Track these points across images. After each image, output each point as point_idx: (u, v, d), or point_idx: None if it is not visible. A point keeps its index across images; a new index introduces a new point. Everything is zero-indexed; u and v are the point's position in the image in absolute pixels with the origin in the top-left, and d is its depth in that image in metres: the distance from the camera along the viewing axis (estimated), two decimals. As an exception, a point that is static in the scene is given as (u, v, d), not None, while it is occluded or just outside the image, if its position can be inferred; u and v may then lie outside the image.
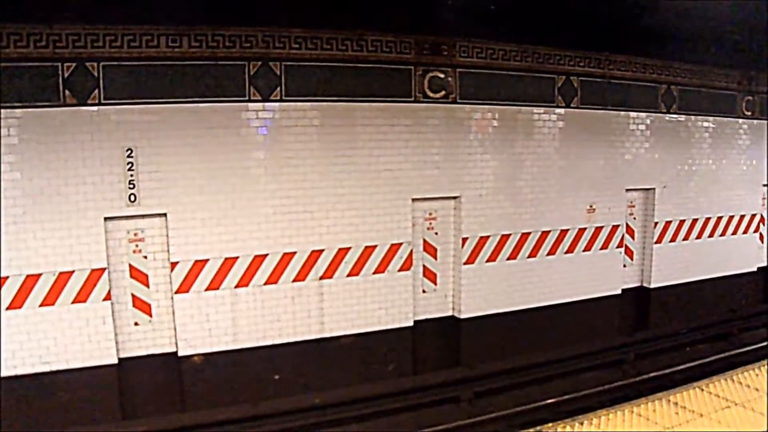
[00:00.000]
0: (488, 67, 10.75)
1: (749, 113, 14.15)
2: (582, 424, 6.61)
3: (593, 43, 11.49)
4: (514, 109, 11.10)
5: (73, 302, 8.55)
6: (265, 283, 9.57)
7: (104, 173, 8.53)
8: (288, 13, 9.05)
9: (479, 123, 10.82)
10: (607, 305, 12.57)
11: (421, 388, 9.80)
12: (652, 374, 10.80)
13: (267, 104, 9.31)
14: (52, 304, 8.46)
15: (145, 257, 9.11)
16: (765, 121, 14.38)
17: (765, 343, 12.10)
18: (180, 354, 9.28)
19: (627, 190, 12.64)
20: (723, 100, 13.74)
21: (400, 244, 10.34)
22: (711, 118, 13.62)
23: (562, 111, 11.56)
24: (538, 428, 6.64)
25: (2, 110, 7.96)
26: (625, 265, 13.02)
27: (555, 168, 11.64)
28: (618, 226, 12.50)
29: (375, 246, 10.17)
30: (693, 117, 13.33)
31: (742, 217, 14.50)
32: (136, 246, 9.05)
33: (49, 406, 8.54)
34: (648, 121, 12.68)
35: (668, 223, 13.29)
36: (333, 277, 9.97)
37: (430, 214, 10.82)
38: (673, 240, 13.41)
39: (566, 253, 11.93)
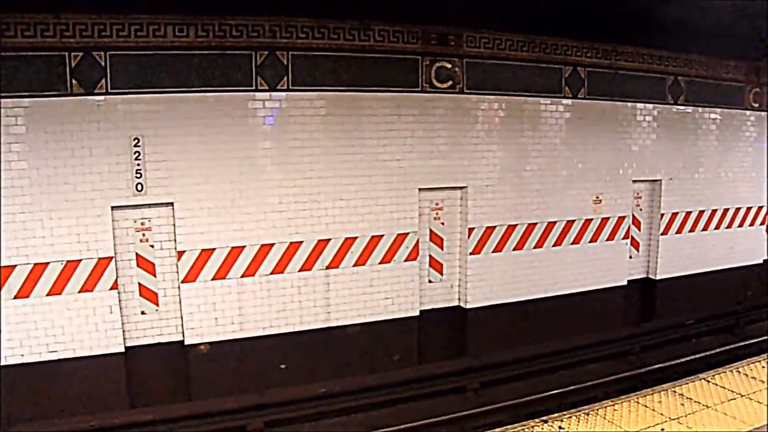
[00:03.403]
0: (495, 57, 10.72)
1: (757, 105, 14.08)
2: (588, 414, 6.62)
3: (601, 34, 11.44)
4: (521, 100, 11.08)
5: (80, 291, 8.58)
6: (272, 273, 9.59)
7: (111, 162, 8.55)
8: (295, 3, 9.03)
9: (486, 113, 10.80)
10: (612, 296, 12.57)
11: (427, 377, 9.82)
12: (657, 365, 10.80)
13: (274, 94, 9.31)
14: (60, 293, 8.49)
15: (152, 246, 9.14)
16: (771, 114, 14.35)
17: (771, 335, 12.10)
18: (186, 343, 9.32)
19: (633, 181, 12.62)
20: (731, 91, 13.68)
21: (407, 234, 10.35)
22: (718, 110, 13.56)
23: (569, 102, 11.53)
24: (544, 418, 6.66)
25: (11, 99, 7.97)
26: (631, 257, 13.01)
27: (561, 159, 11.62)
28: (624, 217, 12.49)
29: (381, 236, 10.18)
30: (700, 109, 13.29)
31: (749, 209, 14.46)
32: (143, 235, 9.07)
33: (56, 394, 8.58)
34: (655, 113, 12.64)
35: (674, 214, 13.27)
36: (339, 267, 9.99)
37: (437, 204, 10.82)
38: (679, 232, 13.39)
39: (572, 243, 11.93)
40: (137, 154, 8.66)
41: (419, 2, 9.67)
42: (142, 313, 9.21)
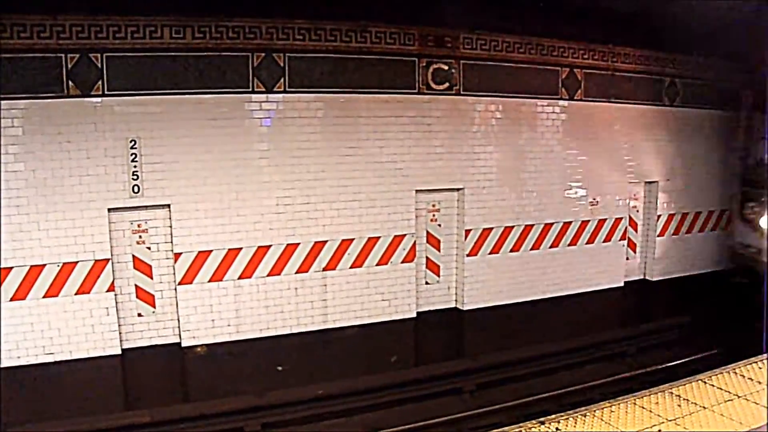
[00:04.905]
0: (492, 59, 10.73)
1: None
2: (585, 416, 6.61)
3: (598, 35, 11.45)
4: (518, 101, 11.08)
5: (76, 293, 8.58)
6: (269, 275, 9.59)
7: (108, 164, 8.55)
8: (292, 5, 9.04)
9: (483, 115, 10.81)
10: (609, 297, 12.57)
11: (424, 379, 9.80)
12: (655, 367, 10.79)
13: (270, 95, 9.32)
14: (56, 295, 8.49)
15: (149, 248, 9.13)
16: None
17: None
18: (183, 345, 9.32)
19: (630, 182, 12.62)
20: (725, 93, 13.67)
21: (404, 235, 10.35)
22: (714, 112, 13.55)
23: (565, 103, 11.54)
24: (541, 420, 6.64)
25: (7, 101, 7.97)
26: (627, 258, 13.01)
27: (558, 160, 11.62)
28: (621, 218, 12.50)
29: (378, 237, 10.17)
30: (696, 110, 13.28)
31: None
32: (140, 237, 9.07)
33: (53, 396, 8.54)
34: (651, 114, 12.64)
35: (671, 215, 13.27)
36: (336, 269, 9.99)
37: (434, 205, 10.82)
38: (676, 233, 13.40)
39: (569, 245, 11.93)
40: (134, 155, 8.65)
41: (416, 4, 9.68)
42: (139, 315, 9.21)
